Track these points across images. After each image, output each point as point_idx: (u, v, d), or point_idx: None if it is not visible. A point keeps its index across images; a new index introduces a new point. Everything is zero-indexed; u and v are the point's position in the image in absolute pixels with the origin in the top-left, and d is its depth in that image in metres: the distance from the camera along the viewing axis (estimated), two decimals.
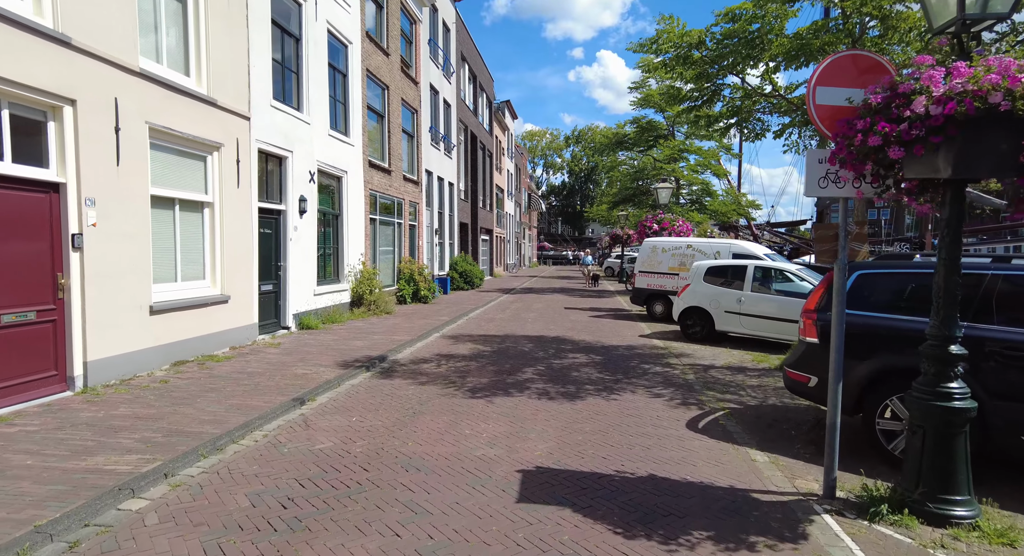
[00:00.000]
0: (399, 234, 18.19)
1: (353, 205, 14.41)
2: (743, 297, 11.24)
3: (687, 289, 12.14)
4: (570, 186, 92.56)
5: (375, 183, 15.96)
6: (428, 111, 21.47)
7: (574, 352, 10.20)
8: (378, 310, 14.49)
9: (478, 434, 5.53)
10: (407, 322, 13.29)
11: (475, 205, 30.58)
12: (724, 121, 9.43)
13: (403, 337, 11.03)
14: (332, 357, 8.91)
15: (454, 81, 25.70)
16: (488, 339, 11.54)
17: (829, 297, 5.39)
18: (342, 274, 13.99)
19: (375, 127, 16.60)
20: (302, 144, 11.80)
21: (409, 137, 19.58)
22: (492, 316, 15.71)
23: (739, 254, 14.20)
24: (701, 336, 11.78)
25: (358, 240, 14.73)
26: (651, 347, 10.98)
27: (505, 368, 8.65)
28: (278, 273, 11.26)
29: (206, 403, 6.18)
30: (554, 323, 14.31)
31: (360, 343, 10.27)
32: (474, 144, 30.44)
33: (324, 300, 12.89)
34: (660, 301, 15.30)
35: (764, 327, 11.01)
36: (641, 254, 15.82)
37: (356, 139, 14.62)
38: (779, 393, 7.48)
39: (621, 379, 8.08)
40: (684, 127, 25.35)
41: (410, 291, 17.69)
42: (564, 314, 16.37)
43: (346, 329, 11.93)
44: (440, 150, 23.11)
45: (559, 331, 12.88)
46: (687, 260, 14.84)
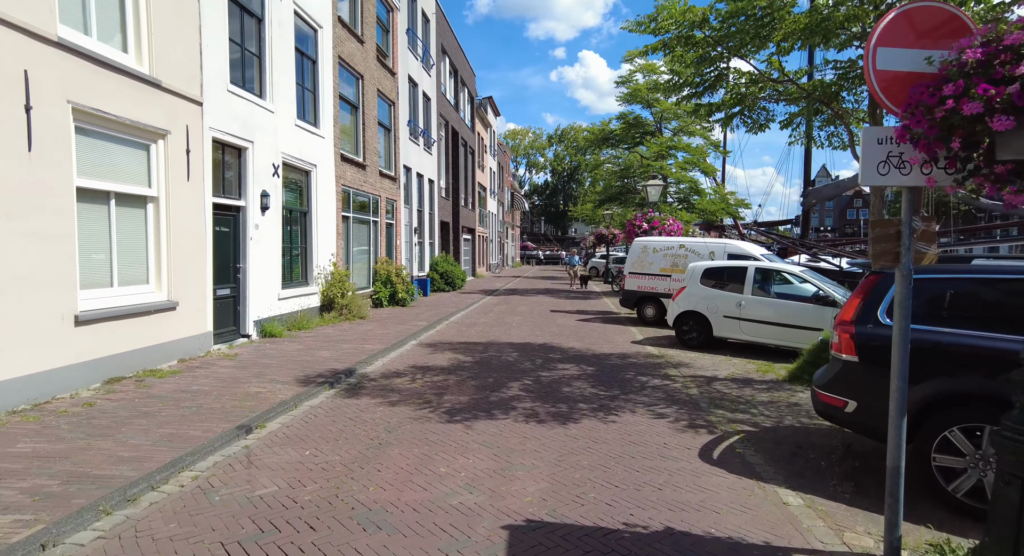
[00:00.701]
0: (375, 233, 17.18)
1: (323, 202, 13.39)
2: (743, 301, 10.47)
3: (683, 292, 11.34)
4: (553, 185, 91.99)
5: (348, 178, 14.94)
6: (407, 104, 20.46)
7: (564, 362, 9.33)
8: (351, 315, 13.48)
9: (455, 472, 4.61)
10: (382, 328, 12.31)
11: (456, 203, 29.61)
12: (726, 110, 8.59)
13: (376, 346, 10.06)
14: (293, 371, 7.92)
15: (434, 74, 24.71)
16: (469, 347, 10.62)
17: (869, 307, 4.59)
18: (311, 276, 12.96)
19: (348, 119, 15.58)
20: (265, 134, 10.76)
21: (386, 131, 18.57)
22: (474, 320, 14.79)
23: (735, 254, 13.47)
24: (698, 343, 10.99)
25: (329, 239, 13.70)
26: (646, 355, 10.15)
27: (488, 383, 7.74)
28: (237, 276, 10.22)
29: (131, 433, 5.18)
30: (540, 328, 13.44)
31: (327, 353, 9.29)
32: (455, 140, 29.47)
33: (290, 305, 11.85)
34: (651, 304, 14.51)
35: (766, 333, 10.25)
36: (631, 254, 15.03)
37: (327, 131, 13.60)
38: (794, 411, 6.68)
39: (618, 395, 7.22)
40: (672, 123, 24.67)
41: (387, 294, 16.69)
42: (550, 318, 15.51)
43: (313, 337, 10.92)
44: (419, 145, 22.12)
45: (546, 337, 12.01)
46: (680, 261, 14.07)
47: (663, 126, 24.67)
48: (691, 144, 24.11)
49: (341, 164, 14.48)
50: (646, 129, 25.03)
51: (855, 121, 8.07)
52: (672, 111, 23.84)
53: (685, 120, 24.43)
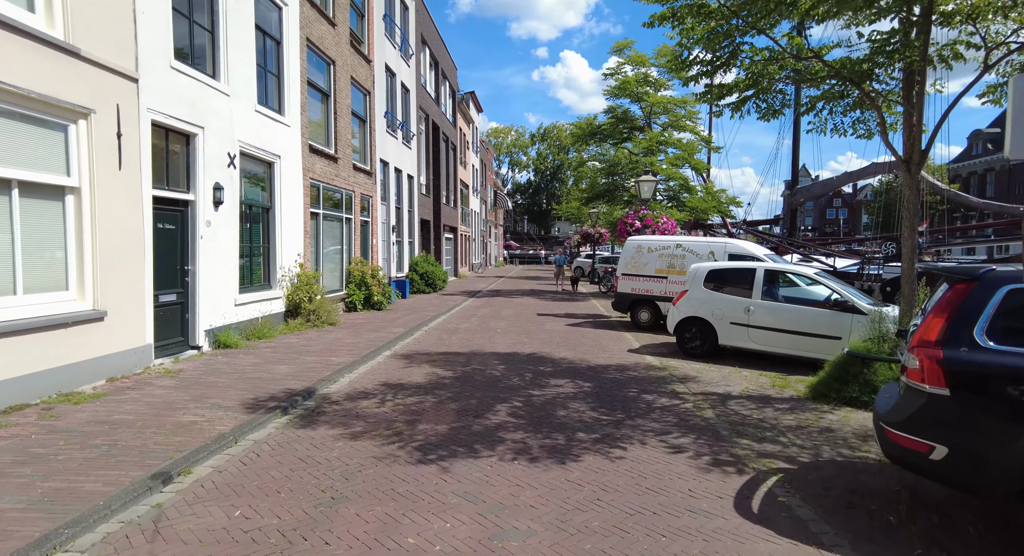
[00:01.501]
0: (349, 231, 15.96)
1: (289, 197, 12.16)
2: (752, 306, 9.50)
3: (684, 297, 10.35)
4: (536, 184, 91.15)
5: (318, 171, 13.72)
6: (383, 94, 19.25)
7: (556, 377, 8.27)
8: (319, 321, 12.28)
9: (428, 545, 3.52)
10: (353, 336, 11.13)
11: (438, 201, 28.43)
12: (739, 92, 7.59)
13: (343, 358, 8.90)
14: (242, 392, 6.74)
15: (413, 64, 23.50)
16: (450, 359, 9.51)
17: (960, 325, 3.58)
18: (274, 279, 11.73)
19: (319, 108, 14.35)
20: (218, 119, 9.53)
21: (361, 122, 17.35)
22: (456, 325, 13.67)
23: (736, 255, 12.55)
24: (702, 352, 10.01)
25: (295, 238, 12.48)
26: (647, 367, 9.14)
27: (470, 405, 6.64)
28: (185, 279, 8.98)
29: (3, 490, 3.99)
30: (527, 334, 12.37)
31: (286, 369, 8.11)
32: (436, 135, 28.27)
33: (249, 311, 10.63)
34: (646, 308, 13.53)
35: (778, 342, 9.30)
36: (624, 255, 14.03)
37: (293, 119, 12.37)
38: (830, 440, 5.70)
39: (623, 420, 6.18)
40: (661, 118, 23.76)
41: (361, 297, 15.48)
42: (538, 322, 14.45)
43: (274, 348, 9.71)
44: (398, 138, 20.91)
45: (535, 345, 10.94)
46: (677, 261, 13.11)
47: (652, 121, 23.77)
48: (682, 139, 23.23)
49: (310, 156, 13.26)
50: (634, 124, 24.09)
51: (888, 105, 7.12)
52: (662, 105, 22.94)
53: (675, 115, 23.54)
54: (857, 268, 18.12)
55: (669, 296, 13.01)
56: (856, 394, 6.84)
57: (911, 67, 6.48)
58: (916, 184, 6.84)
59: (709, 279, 10.18)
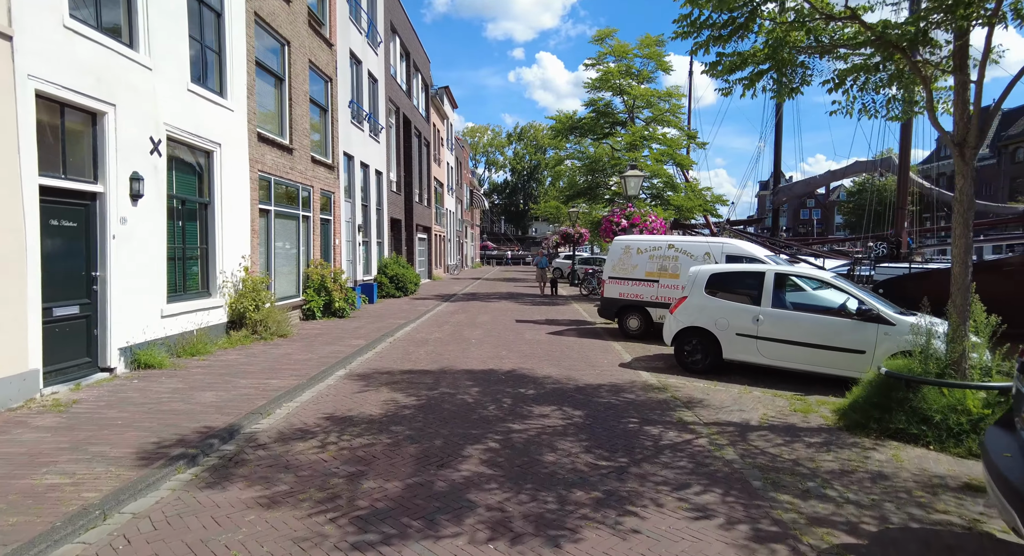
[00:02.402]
0: (307, 231, 14.43)
1: (232, 191, 10.63)
2: (761, 315, 8.32)
3: (683, 304, 9.13)
4: (513, 184, 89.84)
5: (269, 163, 12.20)
6: (348, 82, 17.74)
7: (541, 402, 6.95)
8: (267, 333, 10.77)
9: None
10: (304, 351, 9.67)
11: (410, 199, 26.93)
12: (754, 65, 6.37)
13: (285, 381, 7.45)
14: (143, 433, 5.28)
15: (382, 53, 22.00)
16: (414, 379, 8.12)
17: None
18: (213, 285, 10.19)
19: (271, 93, 12.82)
20: (136, 97, 8.00)
21: (322, 111, 15.83)
22: (425, 335, 12.28)
23: (734, 256, 11.39)
24: (704, 367, 8.80)
25: (240, 238, 10.95)
26: (644, 387, 7.88)
27: (434, 449, 5.28)
28: (92, 287, 7.44)
29: None
30: (506, 345, 11.04)
31: (211, 396, 6.65)
32: (407, 130, 26.78)
33: (181, 323, 9.09)
34: (636, 314, 12.30)
35: (792, 355, 8.13)
36: (611, 256, 12.79)
37: (238, 102, 10.84)
38: (888, 492, 4.49)
39: (627, 468, 4.88)
40: (644, 112, 22.61)
41: (320, 303, 13.98)
42: (517, 331, 13.13)
43: (206, 367, 8.21)
44: (364, 131, 19.40)
45: (514, 359, 9.61)
46: (669, 263, 11.91)
47: (635, 115, 22.63)
48: (667, 134, 22.14)
49: (259, 145, 11.73)
50: (616, 119, 22.91)
51: (937, 78, 5.96)
52: (645, 98, 21.79)
53: (658, 109, 22.42)
54: (847, 270, 17.23)
55: (661, 301, 11.82)
56: (903, 425, 5.66)
57: (968, 28, 5.34)
58: (972, 171, 5.69)
59: (711, 284, 8.97)
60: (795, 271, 8.77)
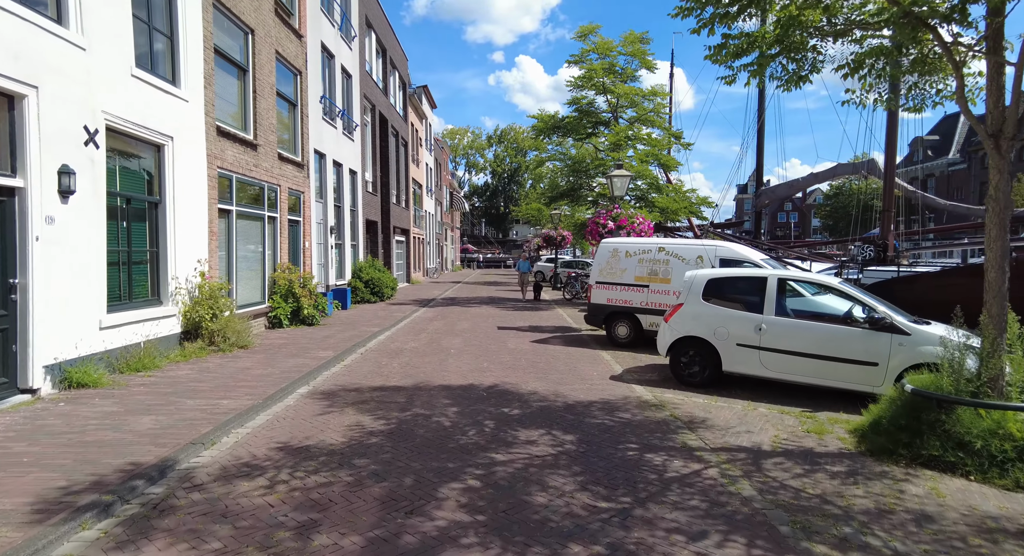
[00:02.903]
0: (273, 233, 13.49)
1: (187, 188, 9.69)
2: (764, 324, 7.67)
3: (679, 312, 8.45)
4: (493, 187, 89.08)
5: (230, 160, 11.26)
6: (319, 76, 16.82)
7: (527, 425, 6.19)
8: (226, 344, 9.84)
9: None
10: (265, 364, 8.77)
11: (386, 200, 26.00)
12: (761, 48, 5.71)
13: (238, 402, 6.57)
14: (49, 474, 4.39)
15: (356, 48, 21.10)
16: (385, 398, 7.30)
17: None
18: (164, 292, 9.24)
19: (233, 84, 11.89)
20: (65, 80, 7.06)
21: (291, 106, 14.90)
22: (400, 345, 11.44)
23: (728, 260, 10.78)
24: (703, 380, 8.12)
25: (196, 240, 10.00)
26: (639, 404, 7.16)
27: (403, 490, 4.47)
28: (10, 297, 6.48)
29: None
30: (487, 356, 10.25)
31: (149, 422, 5.76)
32: (384, 128, 25.87)
33: (125, 335, 8.14)
34: (625, 321, 11.60)
35: (798, 368, 7.49)
36: (597, 260, 12.09)
37: (193, 92, 9.91)
38: (940, 539, 3.82)
39: (631, 510, 4.14)
40: (628, 112, 22.04)
41: (288, 310, 13.05)
42: (499, 339, 12.35)
43: (150, 386, 7.28)
44: (337, 128, 18.48)
45: (496, 372, 8.83)
46: (660, 267, 11.25)
47: (619, 115, 22.03)
48: (652, 134, 21.56)
49: (218, 140, 10.80)
50: (599, 119, 22.29)
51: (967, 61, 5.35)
52: (629, 97, 21.19)
53: (642, 108, 21.84)
54: (834, 273, 16.82)
55: (651, 308, 11.15)
56: (937, 451, 5.01)
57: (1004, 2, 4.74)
58: (1008, 165, 5.08)
59: (709, 290, 8.30)
60: (800, 276, 8.15)
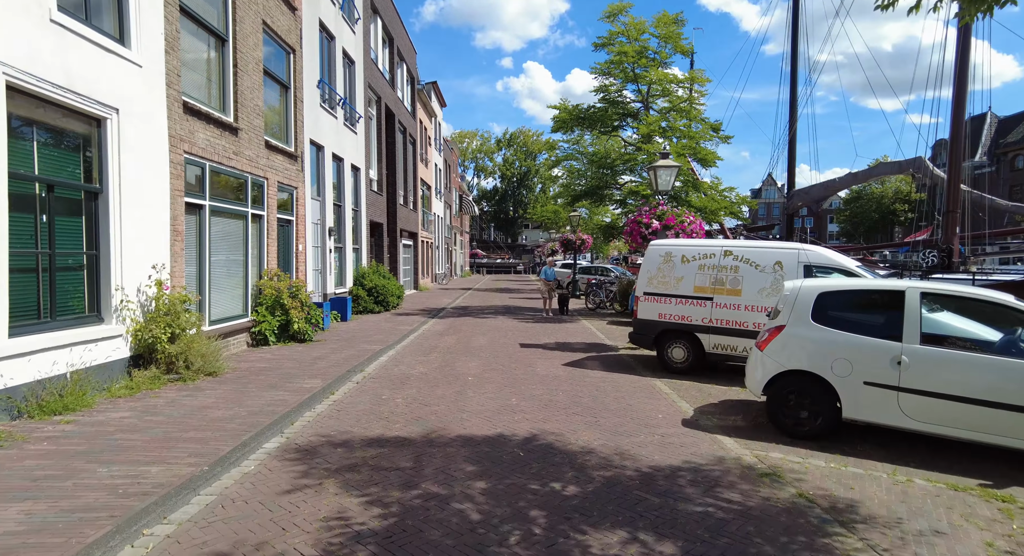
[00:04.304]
0: (260, 233, 11.49)
1: (140, 176, 7.70)
2: (906, 355, 5.55)
3: (778, 336, 6.32)
4: (502, 191, 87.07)
5: (201, 144, 9.27)
6: (316, 58, 14.87)
7: (595, 521, 4.08)
8: (189, 370, 7.82)
9: None
10: (231, 400, 6.72)
11: (393, 201, 24.01)
12: None
13: (172, 471, 4.50)
14: None
15: (360, 32, 19.18)
16: (383, 461, 5.22)
17: None
18: (106, 306, 7.24)
19: (205, 52, 9.94)
20: None
21: (282, 88, 12.94)
22: (406, 369, 9.38)
23: (816, 266, 8.65)
24: (812, 430, 6.00)
25: (152, 241, 8.00)
26: (743, 472, 5.04)
27: None
28: None
29: None
30: (515, 386, 8.17)
31: (14, 515, 3.71)
32: (391, 123, 23.91)
33: (41, 364, 6.12)
34: (681, 341, 9.47)
35: (957, 418, 5.35)
36: (646, 266, 9.97)
37: (149, 55, 7.94)
38: None
39: None
40: (659, 102, 19.96)
41: (275, 325, 11.03)
42: (524, 360, 10.26)
43: (59, 438, 5.24)
44: (337, 118, 16.51)
45: (531, 413, 6.74)
46: (726, 276, 9.13)
47: (650, 104, 19.94)
48: (690, 126, 19.38)
49: (185, 119, 8.82)
50: (627, 109, 20.23)
51: None
52: (663, 84, 19.10)
53: (676, 98, 19.76)
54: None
55: (716, 325, 9.04)
56: None
57: None
58: None
59: (821, 308, 6.18)
60: (957, 291, 5.97)
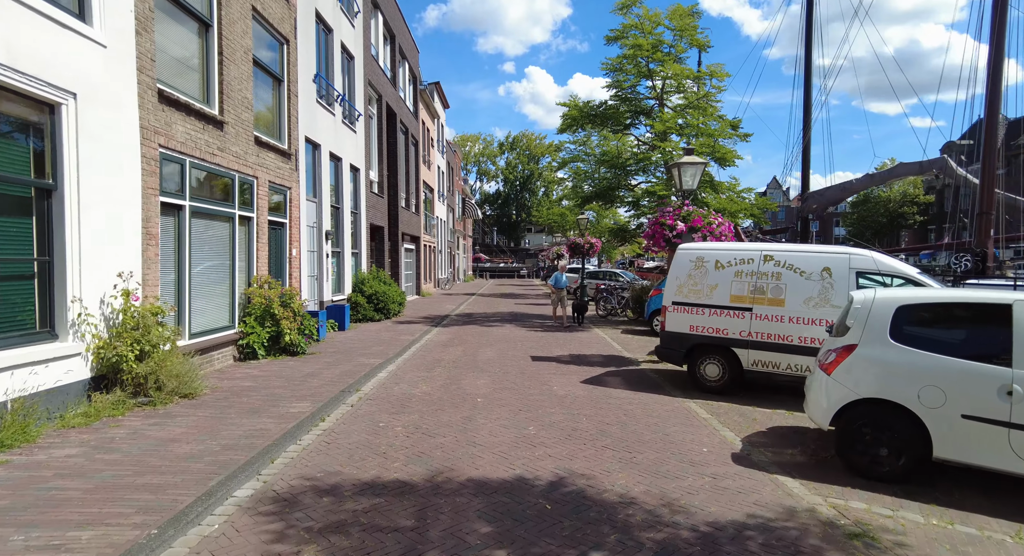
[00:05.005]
0: (248, 237, 10.53)
1: (103, 171, 6.75)
2: (1020, 385, 4.55)
3: (850, 358, 5.32)
4: (505, 195, 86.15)
5: (180, 138, 8.32)
6: (313, 50, 13.95)
7: None
8: (162, 393, 6.84)
9: None
10: (204, 430, 5.72)
11: (394, 203, 23.07)
12: None
13: (114, 531, 3.51)
14: None
15: (360, 26, 18.28)
16: (379, 517, 4.22)
17: None
18: (61, 321, 6.26)
19: (185, 37, 9.01)
20: None
21: (275, 81, 12.01)
22: (407, 388, 8.38)
23: (868, 272, 7.65)
24: (894, 471, 4.99)
25: (118, 245, 7.03)
26: (824, 531, 4.03)
27: None
28: None
29: None
30: (531, 410, 7.16)
31: None
32: (392, 123, 23.00)
33: None
34: (716, 357, 8.46)
35: None
36: (675, 272, 8.97)
37: (115, 35, 6.99)
38: None
39: None
40: (673, 98, 19.03)
41: (264, 337, 10.05)
42: (538, 377, 9.26)
43: None
44: (335, 115, 15.58)
45: (553, 448, 5.74)
46: (768, 283, 8.13)
47: (665, 100, 18.99)
48: (708, 124, 18.37)
49: (161, 109, 7.87)
50: (640, 107, 19.28)
51: None
52: (679, 80, 18.15)
53: (692, 94, 18.80)
54: None
55: (756, 339, 8.05)
56: None
57: None
58: None
59: (901, 324, 5.18)
60: None
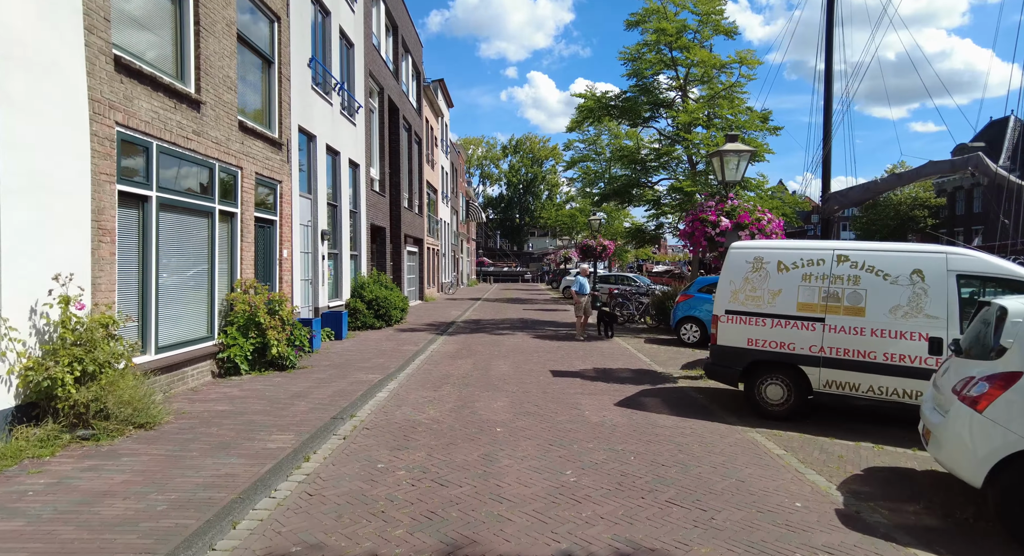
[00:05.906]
0: (231, 235, 9.24)
1: (34, 151, 5.46)
2: None
3: (1013, 389, 3.98)
4: (508, 198, 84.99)
5: (145, 116, 7.03)
6: (308, 32, 12.71)
7: None
8: (110, 422, 5.53)
9: None
10: (148, 484, 4.39)
11: (397, 203, 21.80)
12: None
13: None
14: None
15: (360, 13, 17.05)
16: None
17: None
18: None
19: (158, 3, 7.74)
20: None
21: (264, 62, 10.75)
22: (412, 413, 7.05)
23: (972, 276, 6.32)
24: None
25: (55, 242, 5.74)
26: None
27: None
28: None
29: None
30: (564, 446, 5.83)
31: None
32: (394, 118, 21.75)
33: None
34: (780, 377, 7.10)
35: None
36: (728, 275, 7.63)
37: None
38: None
39: None
40: (696, 89, 17.74)
41: (248, 349, 8.75)
42: (564, 398, 7.93)
43: None
44: (333, 104, 14.32)
45: (602, 506, 4.40)
46: (844, 288, 6.79)
47: (688, 91, 17.71)
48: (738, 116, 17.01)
49: (119, 78, 6.58)
50: (658, 99, 17.99)
51: None
52: (705, 68, 16.82)
53: (716, 85, 17.50)
54: None
55: (830, 355, 6.71)
56: None
57: None
58: None
59: None
60: None
